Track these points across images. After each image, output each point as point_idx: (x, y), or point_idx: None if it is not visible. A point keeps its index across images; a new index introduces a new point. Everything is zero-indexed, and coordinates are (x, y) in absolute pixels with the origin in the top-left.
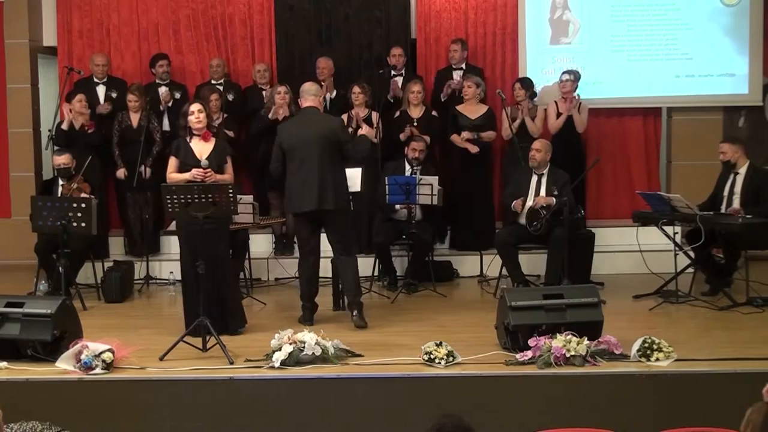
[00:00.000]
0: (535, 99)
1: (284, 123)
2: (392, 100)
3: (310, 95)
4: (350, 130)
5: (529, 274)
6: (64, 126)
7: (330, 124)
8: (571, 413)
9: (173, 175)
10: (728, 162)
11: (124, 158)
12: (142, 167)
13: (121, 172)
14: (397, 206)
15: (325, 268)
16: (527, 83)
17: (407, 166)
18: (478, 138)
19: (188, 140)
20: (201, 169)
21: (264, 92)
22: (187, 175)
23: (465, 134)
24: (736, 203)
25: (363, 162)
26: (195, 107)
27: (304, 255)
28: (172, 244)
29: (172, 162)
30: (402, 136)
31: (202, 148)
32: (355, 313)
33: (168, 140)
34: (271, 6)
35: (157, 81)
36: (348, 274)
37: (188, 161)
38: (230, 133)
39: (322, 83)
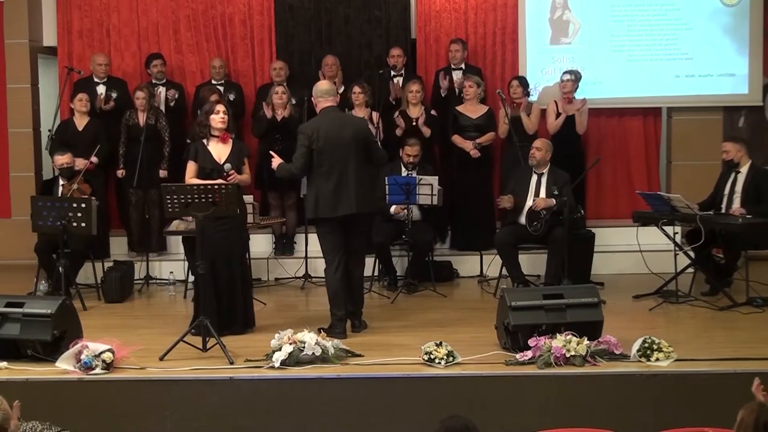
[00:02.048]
0: (531, 98)
1: (309, 124)
2: (394, 102)
3: (329, 95)
4: None
5: (529, 274)
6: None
7: (359, 124)
8: (571, 413)
9: (193, 180)
10: (731, 161)
11: (128, 157)
12: (119, 171)
13: (120, 172)
14: (392, 209)
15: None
16: (524, 81)
17: (402, 169)
18: (479, 146)
19: (205, 143)
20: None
21: None
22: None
23: (473, 153)
24: (737, 203)
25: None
26: (221, 107)
27: (332, 262)
28: (172, 244)
29: (191, 167)
30: (398, 131)
31: (220, 151)
32: (356, 323)
33: (172, 140)
34: (271, 6)
35: (153, 81)
36: (359, 284)
37: (207, 165)
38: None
39: (334, 81)
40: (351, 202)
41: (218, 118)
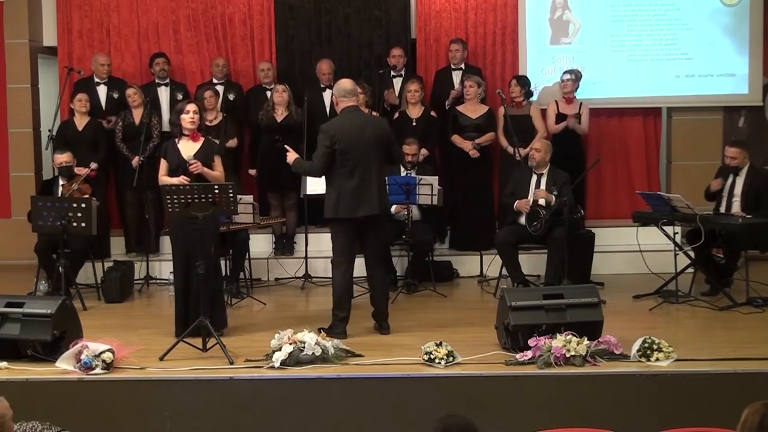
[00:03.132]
0: (532, 98)
1: (331, 124)
2: (389, 108)
3: (352, 95)
4: None
5: (529, 274)
6: None
7: (382, 125)
8: (571, 413)
9: (164, 178)
10: (735, 166)
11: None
12: (135, 158)
13: (136, 160)
14: (393, 209)
15: (326, 268)
16: (523, 81)
17: (402, 169)
18: (478, 146)
19: (176, 140)
20: (187, 178)
21: (268, 92)
22: (174, 180)
23: (472, 153)
24: (736, 206)
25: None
26: (191, 107)
27: (342, 263)
28: (167, 245)
29: (163, 164)
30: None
31: (189, 149)
32: (384, 325)
33: (168, 139)
34: (271, 6)
35: (156, 80)
36: (384, 284)
37: (174, 162)
38: (233, 143)
39: (329, 86)
40: (372, 203)
41: (188, 118)
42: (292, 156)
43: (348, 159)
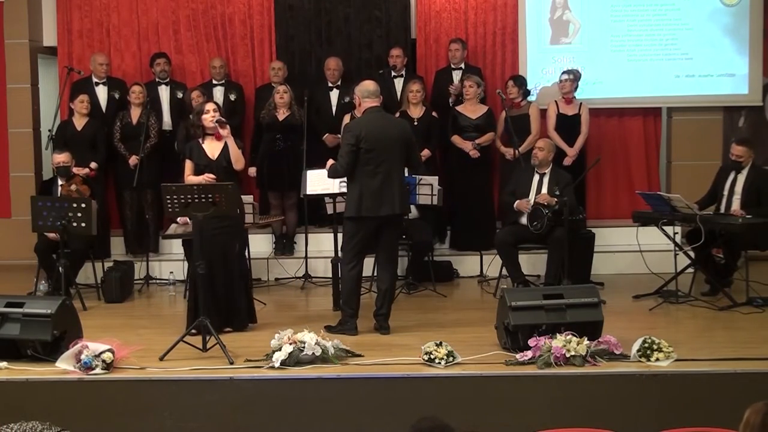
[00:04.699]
0: (529, 97)
1: (356, 122)
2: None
3: (374, 96)
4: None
5: (529, 274)
6: None
7: (405, 126)
8: (571, 413)
9: (191, 178)
10: (737, 163)
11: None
12: (132, 158)
13: (133, 159)
14: None
15: (326, 268)
16: (520, 81)
17: None
18: (479, 146)
19: (200, 141)
20: (212, 176)
21: None
22: (199, 178)
23: (472, 153)
24: (736, 203)
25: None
26: (210, 106)
27: (352, 261)
28: (172, 245)
29: (188, 165)
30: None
31: (213, 148)
32: (384, 324)
33: (168, 138)
34: (271, 6)
35: (157, 80)
36: (393, 285)
37: (201, 162)
38: (224, 132)
39: (336, 86)
40: (394, 202)
41: (209, 117)
42: (329, 163)
43: (372, 157)
